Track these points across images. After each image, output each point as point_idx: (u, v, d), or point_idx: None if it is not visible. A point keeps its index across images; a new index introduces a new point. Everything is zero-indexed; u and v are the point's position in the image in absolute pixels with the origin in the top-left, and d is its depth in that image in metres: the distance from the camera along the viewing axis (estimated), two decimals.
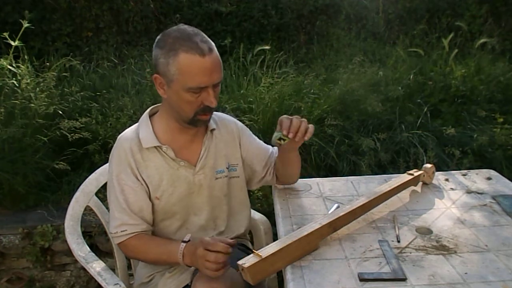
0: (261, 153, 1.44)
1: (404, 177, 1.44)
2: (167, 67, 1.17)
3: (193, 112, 1.21)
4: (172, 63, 1.16)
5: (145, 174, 1.27)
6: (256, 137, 1.48)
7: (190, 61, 1.14)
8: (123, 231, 1.26)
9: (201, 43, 1.16)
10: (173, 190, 1.29)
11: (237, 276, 1.12)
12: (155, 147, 1.27)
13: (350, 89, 2.96)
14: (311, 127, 1.26)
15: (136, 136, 1.29)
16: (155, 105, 1.37)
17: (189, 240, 1.22)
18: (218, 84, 1.21)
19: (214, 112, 1.40)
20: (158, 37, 1.22)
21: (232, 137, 1.39)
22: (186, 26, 1.21)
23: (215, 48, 1.20)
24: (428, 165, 1.50)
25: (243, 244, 1.45)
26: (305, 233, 1.12)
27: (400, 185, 1.40)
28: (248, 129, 1.47)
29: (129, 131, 1.33)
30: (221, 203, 1.37)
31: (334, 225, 1.19)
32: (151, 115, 1.34)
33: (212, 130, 1.35)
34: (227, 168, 1.36)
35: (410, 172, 1.47)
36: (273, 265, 1.07)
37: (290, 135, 1.22)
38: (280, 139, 1.23)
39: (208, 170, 1.32)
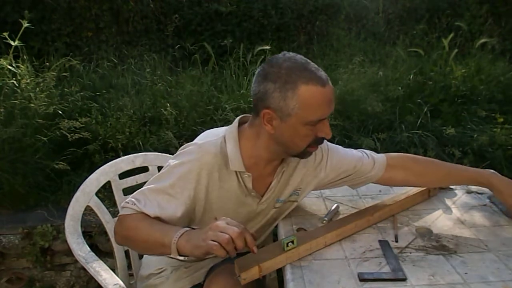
0: (343, 164, 1.34)
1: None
2: (285, 102, 1.07)
3: (306, 145, 1.13)
4: (291, 96, 1.06)
5: (214, 193, 1.18)
6: (340, 148, 1.37)
7: (312, 93, 1.06)
8: (134, 204, 1.13)
9: (318, 72, 1.09)
10: (234, 215, 1.15)
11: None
12: (236, 171, 1.18)
13: (350, 89, 2.95)
14: None
15: (221, 152, 1.16)
16: (244, 115, 1.25)
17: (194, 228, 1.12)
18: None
19: None
20: (266, 68, 1.12)
21: (303, 165, 1.28)
22: (292, 54, 1.13)
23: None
24: None
25: None
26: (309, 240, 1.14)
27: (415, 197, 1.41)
28: (336, 146, 1.36)
29: (213, 143, 1.18)
30: (267, 229, 1.34)
31: (342, 235, 1.20)
32: (239, 125, 1.22)
33: (289, 163, 1.26)
34: (289, 195, 1.30)
35: None
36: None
37: None
38: (288, 243, 1.10)
39: (271, 201, 1.27)
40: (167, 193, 1.14)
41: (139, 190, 1.17)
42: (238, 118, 1.23)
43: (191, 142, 1.21)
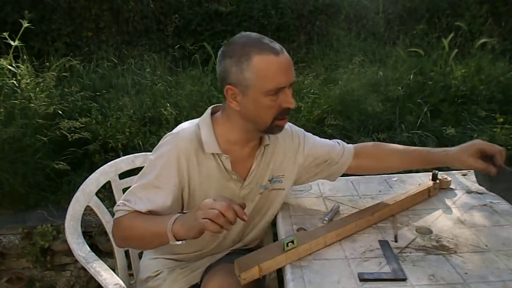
0: (318, 150, 1.38)
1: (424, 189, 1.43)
2: (242, 74, 1.12)
3: (272, 117, 1.16)
4: (246, 68, 1.11)
5: (195, 179, 1.21)
6: (313, 136, 1.42)
7: (266, 62, 1.10)
8: (125, 205, 1.17)
9: (272, 43, 1.13)
10: None
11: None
12: (213, 154, 1.21)
13: (350, 89, 2.95)
14: None
15: (196, 137, 1.21)
16: (216, 105, 1.30)
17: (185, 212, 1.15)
18: (292, 84, 1.18)
19: None
20: (223, 48, 1.17)
21: (283, 150, 1.32)
22: (248, 32, 1.18)
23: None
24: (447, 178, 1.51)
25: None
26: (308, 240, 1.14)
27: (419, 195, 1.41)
28: (302, 131, 1.41)
29: (188, 129, 1.24)
30: (255, 218, 1.34)
31: (342, 235, 1.20)
32: (212, 113, 1.27)
33: (266, 145, 1.29)
34: (269, 180, 1.32)
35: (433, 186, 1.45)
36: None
37: None
38: (288, 243, 1.10)
39: (254, 185, 1.29)
40: (154, 185, 1.18)
41: (128, 190, 1.21)
42: (210, 107, 1.29)
43: (167, 134, 1.26)
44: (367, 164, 1.42)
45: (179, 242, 1.06)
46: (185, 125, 1.27)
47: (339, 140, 1.44)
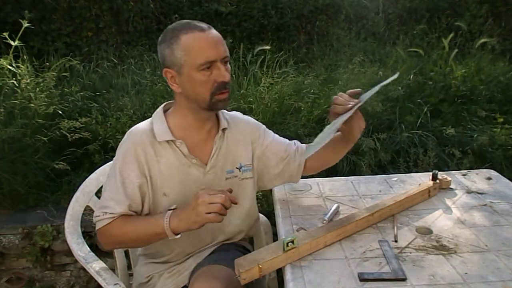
0: (276, 145, 1.40)
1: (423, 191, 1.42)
2: (173, 55, 1.18)
3: (209, 92, 1.19)
4: (176, 48, 1.17)
5: (154, 169, 1.24)
6: (272, 132, 1.45)
7: (192, 38, 1.16)
8: (111, 213, 1.21)
9: (198, 23, 1.20)
10: (182, 188, 1.26)
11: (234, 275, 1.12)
12: (168, 142, 1.25)
13: (350, 89, 2.95)
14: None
15: (150, 129, 1.26)
16: (169, 102, 1.36)
17: (175, 208, 1.20)
18: (227, 60, 1.21)
19: (227, 112, 1.39)
20: (159, 38, 1.25)
21: (243, 136, 1.36)
22: (183, 20, 1.25)
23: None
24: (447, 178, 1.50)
25: (242, 246, 1.44)
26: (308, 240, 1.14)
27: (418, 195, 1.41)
28: (262, 125, 1.44)
29: (141, 125, 1.30)
30: (235, 210, 1.33)
31: (342, 235, 1.21)
32: (165, 111, 1.32)
33: (224, 129, 1.32)
34: (237, 168, 1.34)
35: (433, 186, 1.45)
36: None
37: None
38: (288, 243, 1.09)
39: (219, 170, 1.30)
40: (122, 183, 1.23)
41: (101, 199, 1.27)
42: (163, 104, 1.35)
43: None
44: (317, 163, 1.43)
45: (178, 236, 1.16)
46: (140, 123, 1.33)
47: (295, 141, 1.46)
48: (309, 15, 4.43)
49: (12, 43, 2.66)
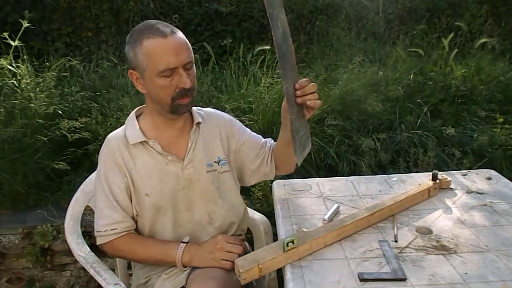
0: (252, 142, 1.43)
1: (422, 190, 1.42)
2: (136, 58, 1.19)
3: (169, 97, 1.21)
4: (139, 52, 1.18)
5: (133, 172, 1.28)
6: (247, 129, 1.46)
7: (154, 45, 1.16)
8: (113, 229, 1.27)
9: (162, 27, 1.18)
10: (163, 186, 1.28)
11: (232, 276, 1.13)
12: (142, 143, 1.28)
13: (350, 89, 2.95)
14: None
15: (123, 134, 1.31)
16: (141, 106, 1.38)
17: (188, 242, 1.24)
18: (190, 66, 1.21)
19: (203, 109, 1.41)
20: (127, 37, 1.25)
21: (218, 131, 1.38)
22: (150, 20, 1.25)
23: (180, 32, 1.22)
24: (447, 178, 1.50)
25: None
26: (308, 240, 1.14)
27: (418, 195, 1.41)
28: (238, 121, 1.46)
29: (116, 131, 1.35)
30: (214, 196, 1.34)
31: (342, 235, 1.21)
32: (137, 116, 1.35)
33: (198, 123, 1.33)
34: (216, 162, 1.35)
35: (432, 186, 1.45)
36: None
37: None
38: (288, 243, 1.11)
39: (198, 164, 1.31)
40: (109, 189, 1.28)
41: (96, 214, 1.31)
42: (136, 109, 1.38)
43: None
44: (284, 164, 1.45)
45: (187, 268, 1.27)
46: (115, 130, 1.37)
47: (268, 139, 1.48)
48: (309, 15, 4.42)
49: (12, 43, 2.66)
